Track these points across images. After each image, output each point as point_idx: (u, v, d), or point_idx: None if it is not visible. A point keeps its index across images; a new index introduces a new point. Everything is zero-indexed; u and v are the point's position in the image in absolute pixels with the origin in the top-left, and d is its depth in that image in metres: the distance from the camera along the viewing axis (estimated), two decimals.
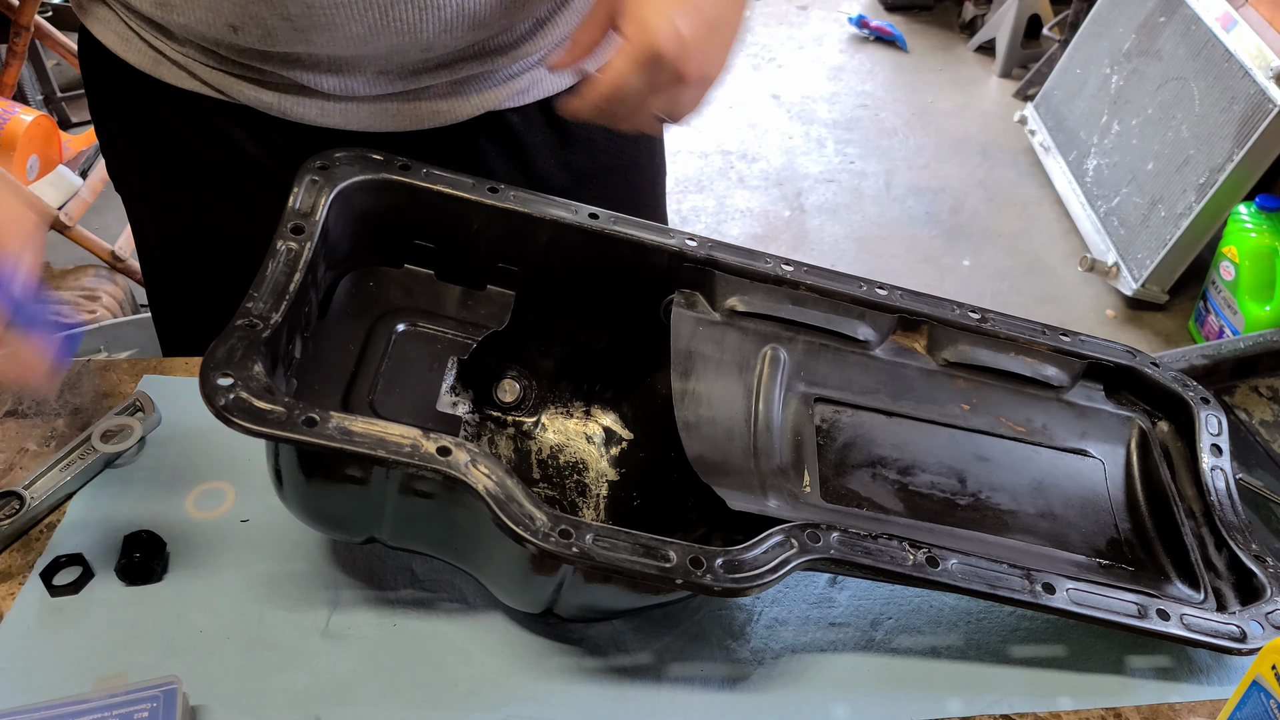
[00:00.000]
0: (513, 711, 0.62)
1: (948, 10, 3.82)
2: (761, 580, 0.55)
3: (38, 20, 2.23)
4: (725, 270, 0.70)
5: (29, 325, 0.55)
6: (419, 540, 0.62)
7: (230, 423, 0.51)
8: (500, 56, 0.72)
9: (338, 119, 0.72)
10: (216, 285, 0.74)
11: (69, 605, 0.65)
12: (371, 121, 0.72)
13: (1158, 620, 0.63)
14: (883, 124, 3.19)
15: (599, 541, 0.53)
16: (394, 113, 0.72)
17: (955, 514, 0.69)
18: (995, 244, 2.70)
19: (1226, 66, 2.30)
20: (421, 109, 0.73)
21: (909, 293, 0.74)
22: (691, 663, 0.65)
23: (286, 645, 0.64)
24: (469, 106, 0.74)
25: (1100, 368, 0.76)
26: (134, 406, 0.77)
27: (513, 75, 0.74)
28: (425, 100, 0.72)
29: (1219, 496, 0.72)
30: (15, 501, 0.69)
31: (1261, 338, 1.01)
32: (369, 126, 0.73)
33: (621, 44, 0.60)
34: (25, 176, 2.04)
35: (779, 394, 0.70)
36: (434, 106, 0.73)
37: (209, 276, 0.83)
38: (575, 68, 0.66)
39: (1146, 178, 2.47)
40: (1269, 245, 2.15)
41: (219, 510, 0.71)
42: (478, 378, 0.72)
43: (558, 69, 0.66)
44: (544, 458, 0.71)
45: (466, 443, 0.53)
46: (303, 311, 0.61)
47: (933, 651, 0.68)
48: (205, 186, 0.79)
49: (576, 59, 0.65)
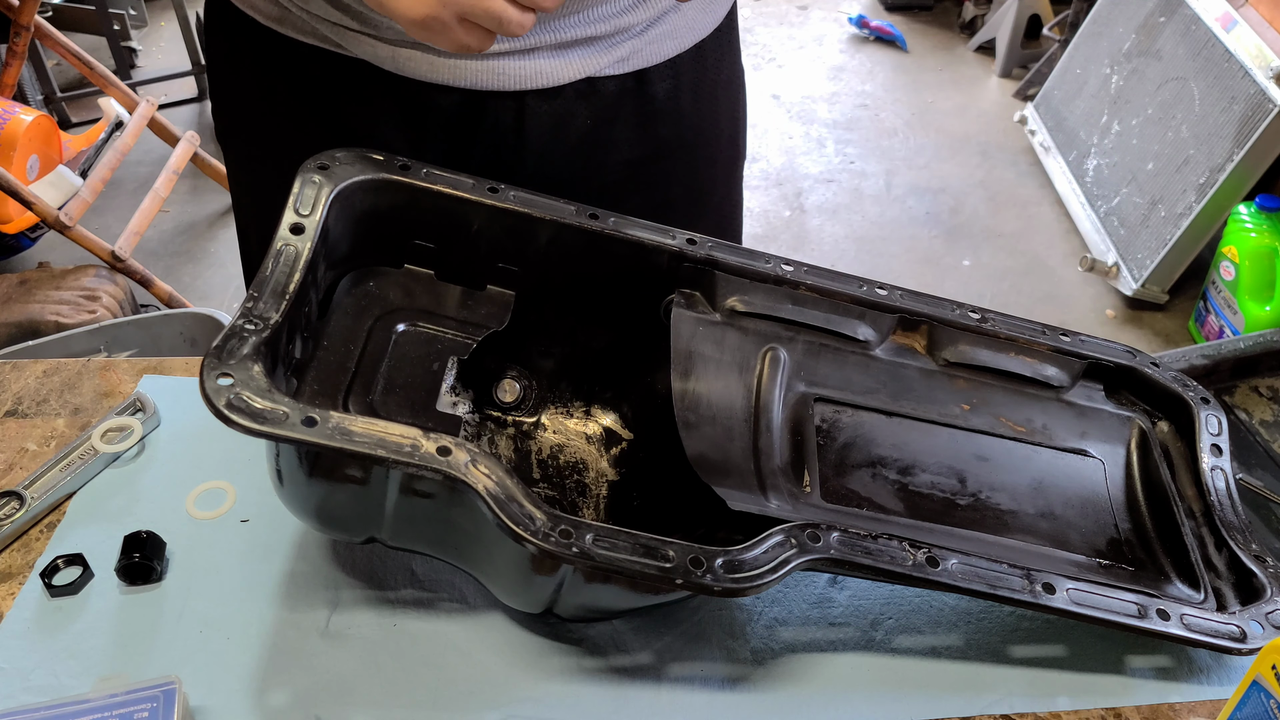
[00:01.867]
0: (513, 711, 0.62)
1: (948, 10, 3.82)
2: (761, 580, 0.55)
3: (38, 20, 2.23)
4: (725, 270, 0.70)
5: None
6: (419, 540, 0.62)
7: (230, 423, 0.51)
8: (602, 23, 0.74)
9: (445, 74, 0.73)
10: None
11: (69, 605, 0.65)
12: (477, 79, 0.74)
13: (1158, 620, 0.63)
14: (883, 124, 3.19)
15: (599, 541, 0.53)
16: (499, 71, 0.74)
17: (955, 514, 0.69)
18: (995, 244, 2.70)
19: (1226, 66, 2.29)
20: (525, 69, 0.74)
21: (909, 293, 0.74)
22: (691, 663, 0.65)
23: (286, 645, 0.64)
24: (570, 70, 0.75)
25: (1100, 368, 0.76)
26: (134, 406, 0.77)
27: (615, 43, 0.76)
28: (530, 60, 0.74)
29: (1219, 496, 0.72)
30: (15, 501, 0.69)
31: (1261, 338, 1.01)
32: (474, 84, 0.74)
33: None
34: (25, 176, 2.04)
35: (779, 394, 0.70)
36: (538, 66, 0.74)
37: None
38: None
39: (1146, 178, 2.47)
40: (1269, 245, 2.15)
41: (219, 510, 0.72)
42: (478, 378, 0.72)
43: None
44: (544, 458, 0.71)
45: (466, 443, 0.53)
46: (303, 311, 0.61)
47: (933, 651, 0.68)
48: (302, 147, 0.80)
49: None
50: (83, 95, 2.88)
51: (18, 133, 2.02)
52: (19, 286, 1.91)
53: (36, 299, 1.88)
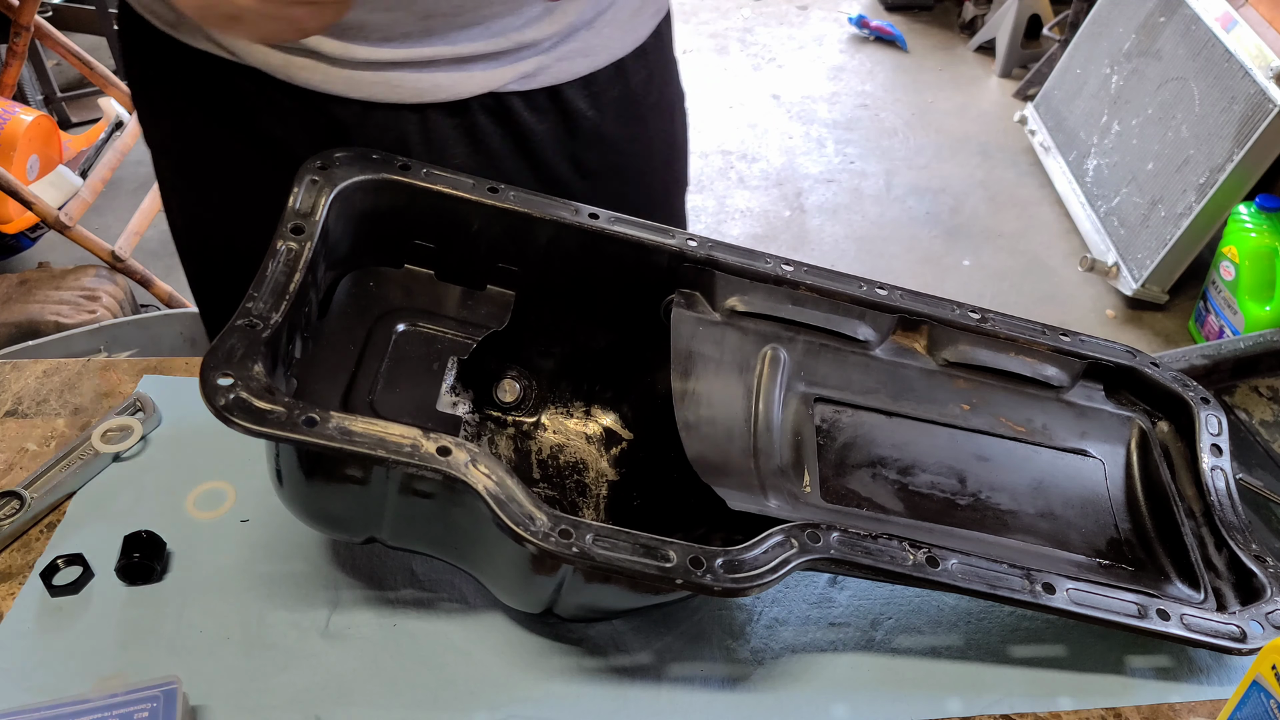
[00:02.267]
0: (513, 711, 0.62)
1: (948, 10, 3.81)
2: (761, 580, 0.55)
3: (38, 20, 2.23)
4: (725, 270, 0.70)
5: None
6: (419, 540, 0.62)
7: (230, 423, 0.51)
8: (503, 37, 0.72)
9: (340, 85, 0.72)
10: (238, 255, 0.74)
11: (69, 605, 0.65)
12: (373, 90, 0.72)
13: (1158, 620, 0.63)
14: (883, 124, 3.19)
15: (599, 541, 0.53)
16: (396, 83, 0.72)
17: (955, 514, 0.69)
18: (995, 244, 2.70)
19: (1226, 66, 2.29)
20: (423, 81, 0.73)
21: (909, 293, 0.74)
22: (691, 663, 0.65)
23: (286, 645, 0.64)
24: (471, 84, 0.74)
25: (1100, 368, 0.76)
26: (134, 406, 0.77)
27: (518, 58, 0.74)
28: (427, 73, 0.72)
29: (1219, 496, 0.72)
30: (15, 501, 0.69)
31: (1261, 338, 1.01)
32: (370, 95, 0.73)
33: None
34: (25, 176, 2.04)
35: (779, 394, 0.70)
36: (435, 80, 0.73)
37: (229, 244, 0.82)
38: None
39: (1146, 178, 2.47)
40: (1269, 245, 2.15)
41: (219, 510, 0.71)
42: (478, 378, 0.72)
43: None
44: (544, 458, 0.71)
45: (466, 443, 0.53)
46: (303, 311, 0.61)
47: (933, 651, 0.68)
48: (219, 152, 0.79)
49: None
50: (83, 95, 2.88)
51: (18, 133, 2.03)
52: (19, 286, 1.91)
53: (36, 299, 1.88)
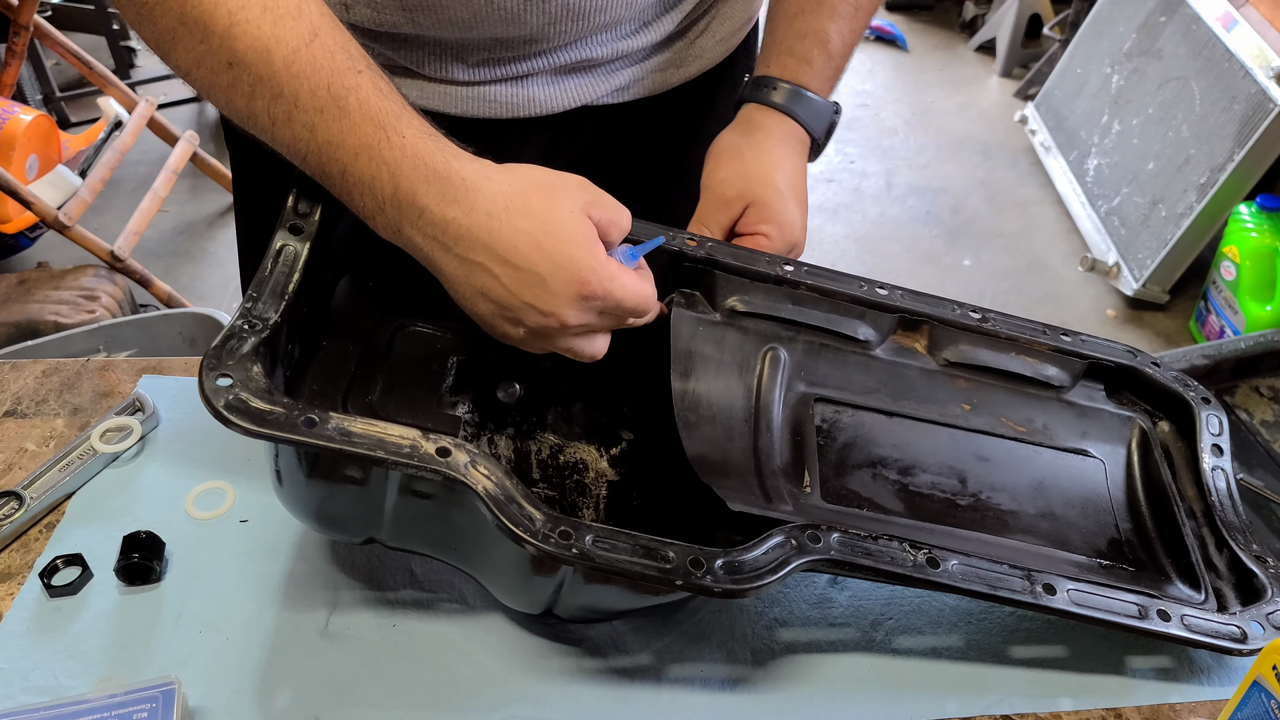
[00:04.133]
0: (512, 712, 0.61)
1: (948, 10, 3.81)
2: (761, 581, 0.55)
3: (37, 20, 2.23)
4: (725, 270, 0.70)
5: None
6: (418, 541, 0.61)
7: (229, 423, 0.50)
8: (602, 50, 0.72)
9: (436, 102, 0.72)
10: None
11: (68, 605, 0.65)
12: (468, 106, 0.72)
13: (1158, 621, 0.63)
14: (883, 124, 3.19)
15: (598, 542, 0.53)
16: (490, 99, 0.72)
17: (956, 514, 0.68)
18: (996, 244, 2.70)
19: (1227, 66, 2.29)
20: (519, 97, 0.72)
21: (909, 292, 0.74)
22: (691, 663, 0.65)
23: (286, 645, 0.64)
24: (566, 98, 0.73)
25: (1101, 368, 0.76)
26: (133, 406, 0.77)
27: (613, 70, 0.74)
28: (523, 89, 0.72)
29: (1220, 497, 0.72)
30: (15, 501, 0.69)
31: (1262, 338, 1.01)
32: (466, 111, 0.72)
33: (761, 237, 0.72)
34: (24, 176, 2.04)
35: (779, 394, 0.70)
36: (531, 95, 0.72)
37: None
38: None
39: (1147, 177, 2.47)
40: (1270, 245, 2.14)
41: (219, 510, 0.71)
42: (478, 378, 0.72)
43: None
44: (544, 458, 0.71)
45: (466, 443, 0.53)
46: (302, 312, 0.61)
47: (933, 652, 0.67)
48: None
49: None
50: (82, 95, 2.88)
51: (17, 132, 2.02)
52: (18, 286, 1.91)
53: (35, 299, 1.88)
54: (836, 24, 0.74)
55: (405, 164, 0.54)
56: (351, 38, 0.56)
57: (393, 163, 0.54)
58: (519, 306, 0.56)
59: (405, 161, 0.54)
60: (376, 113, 0.54)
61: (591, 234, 0.57)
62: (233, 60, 0.53)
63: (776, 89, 0.74)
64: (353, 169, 0.55)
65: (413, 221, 0.55)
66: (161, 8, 0.53)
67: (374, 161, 0.54)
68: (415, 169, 0.54)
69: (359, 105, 0.54)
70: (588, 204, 0.57)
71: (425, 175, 0.55)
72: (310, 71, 0.53)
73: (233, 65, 0.53)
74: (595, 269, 0.56)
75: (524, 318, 0.57)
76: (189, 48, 0.54)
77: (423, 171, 0.55)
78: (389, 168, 0.54)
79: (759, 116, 0.73)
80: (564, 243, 0.55)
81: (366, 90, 0.54)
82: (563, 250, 0.55)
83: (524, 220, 0.55)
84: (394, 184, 0.55)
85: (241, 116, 0.56)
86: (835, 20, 0.74)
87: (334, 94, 0.54)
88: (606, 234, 0.58)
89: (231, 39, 0.53)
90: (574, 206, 0.57)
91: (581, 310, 0.57)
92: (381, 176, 0.55)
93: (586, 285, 0.55)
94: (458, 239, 0.55)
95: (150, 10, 0.53)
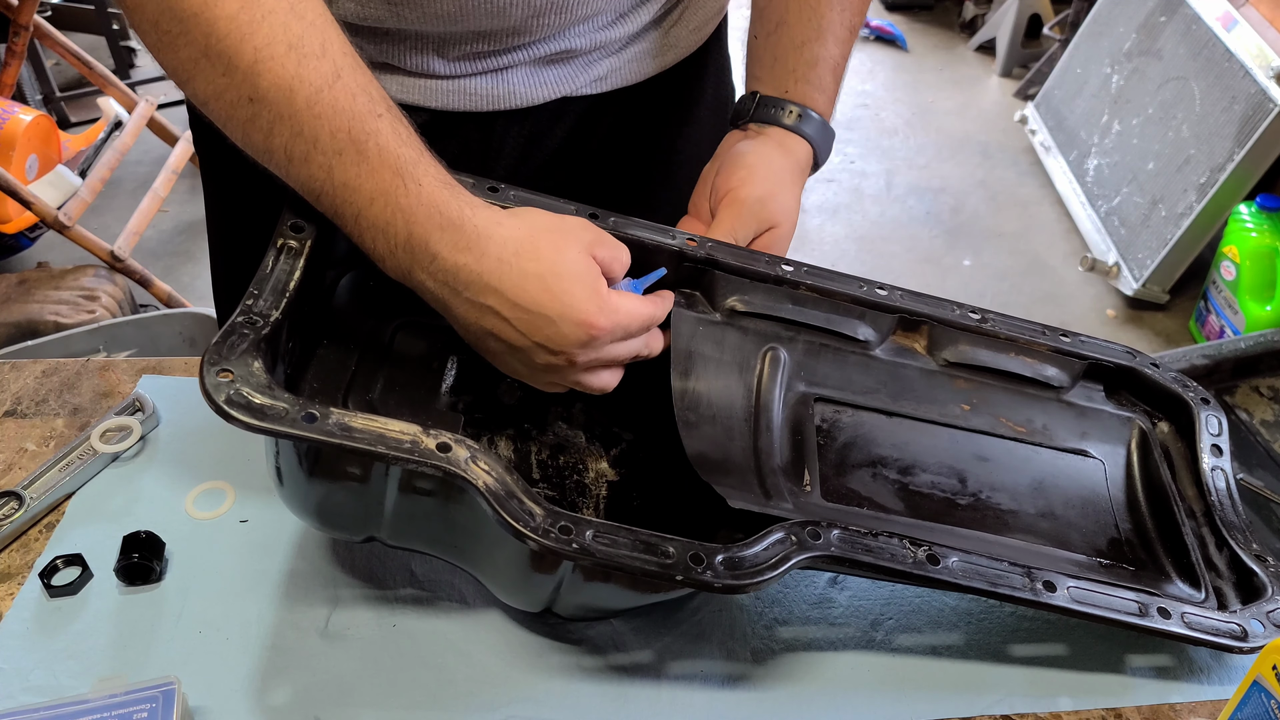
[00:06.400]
0: (513, 711, 0.61)
1: (948, 10, 3.81)
2: (762, 577, 0.55)
3: (37, 20, 2.23)
4: (725, 270, 0.70)
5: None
6: (418, 539, 0.61)
7: (230, 419, 0.50)
8: (581, 41, 0.72)
9: (416, 96, 0.72)
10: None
11: (68, 605, 0.65)
12: (448, 100, 0.73)
13: (1159, 618, 0.63)
14: (883, 124, 3.19)
15: (599, 538, 0.53)
16: (471, 92, 0.72)
17: (956, 514, 0.69)
18: (996, 244, 2.70)
19: (1227, 66, 2.29)
20: (499, 89, 0.73)
21: (909, 293, 0.74)
22: (691, 662, 0.65)
23: (286, 645, 0.64)
24: (545, 90, 0.74)
25: (1100, 368, 0.76)
26: (133, 406, 0.77)
27: (592, 61, 0.74)
28: (503, 81, 0.73)
29: (1219, 496, 0.72)
30: (15, 501, 0.69)
31: (1262, 338, 1.01)
32: (446, 105, 0.73)
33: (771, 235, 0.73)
34: (24, 176, 2.04)
35: (779, 394, 0.70)
36: (511, 87, 0.73)
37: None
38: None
39: (1147, 177, 2.47)
40: (1270, 245, 2.15)
41: (219, 510, 0.71)
42: (478, 377, 0.72)
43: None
44: (544, 458, 0.71)
45: (466, 439, 0.53)
46: (303, 309, 0.61)
47: (933, 651, 0.67)
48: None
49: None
50: (82, 95, 2.88)
51: (17, 132, 2.02)
52: (18, 286, 1.91)
53: (35, 299, 1.88)
54: (841, 49, 0.77)
55: (420, 212, 0.55)
56: (373, 78, 0.56)
57: (408, 210, 0.55)
58: (529, 347, 0.58)
59: (420, 210, 0.55)
60: (395, 159, 0.55)
61: (595, 272, 0.59)
62: (254, 96, 0.53)
63: (804, 116, 0.76)
64: (367, 213, 0.56)
65: (425, 267, 0.57)
66: (185, 38, 0.53)
67: (389, 207, 0.55)
68: (430, 217, 0.55)
69: (378, 151, 0.54)
70: (591, 244, 0.60)
71: (440, 224, 0.56)
72: (332, 114, 0.54)
73: (254, 101, 0.53)
74: (601, 306, 0.58)
75: (534, 357, 0.59)
76: (210, 80, 0.54)
77: (437, 220, 0.56)
78: (404, 214, 0.55)
79: (790, 142, 0.76)
80: (572, 283, 0.57)
81: (386, 135, 0.55)
82: (571, 290, 0.57)
83: (533, 264, 0.57)
84: (408, 231, 0.55)
85: (258, 151, 0.56)
86: (840, 46, 0.77)
87: (354, 138, 0.54)
88: (609, 270, 0.61)
89: (255, 75, 0.53)
90: (580, 248, 0.59)
91: (590, 347, 0.59)
92: (396, 222, 0.55)
93: (594, 323, 0.58)
94: (469, 284, 0.57)
95: (173, 40, 0.53)
